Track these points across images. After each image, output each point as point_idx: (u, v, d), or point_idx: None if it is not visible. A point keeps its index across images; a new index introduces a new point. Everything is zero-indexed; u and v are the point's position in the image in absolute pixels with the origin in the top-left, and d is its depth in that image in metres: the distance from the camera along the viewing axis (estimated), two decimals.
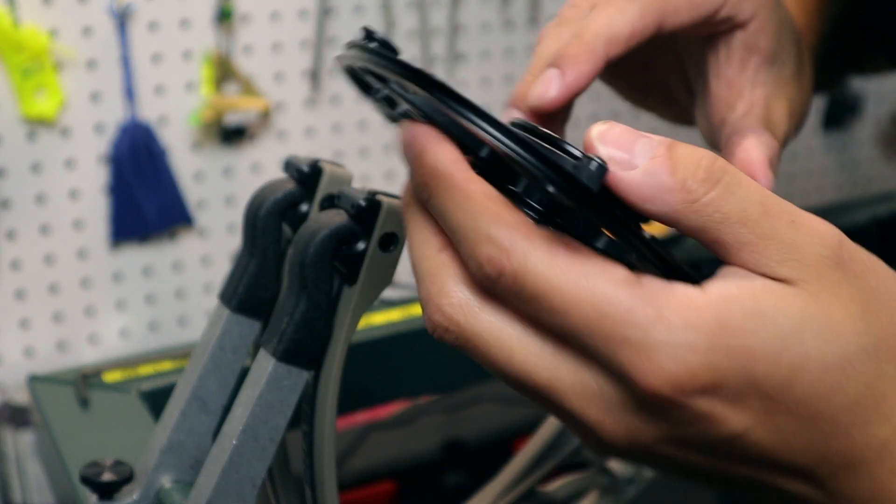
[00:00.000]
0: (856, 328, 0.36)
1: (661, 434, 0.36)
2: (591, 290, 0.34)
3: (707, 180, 0.36)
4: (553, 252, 0.35)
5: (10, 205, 1.13)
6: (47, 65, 1.10)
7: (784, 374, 0.35)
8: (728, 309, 0.35)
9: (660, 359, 0.34)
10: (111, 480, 0.53)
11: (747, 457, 0.36)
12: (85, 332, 1.20)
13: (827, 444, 0.36)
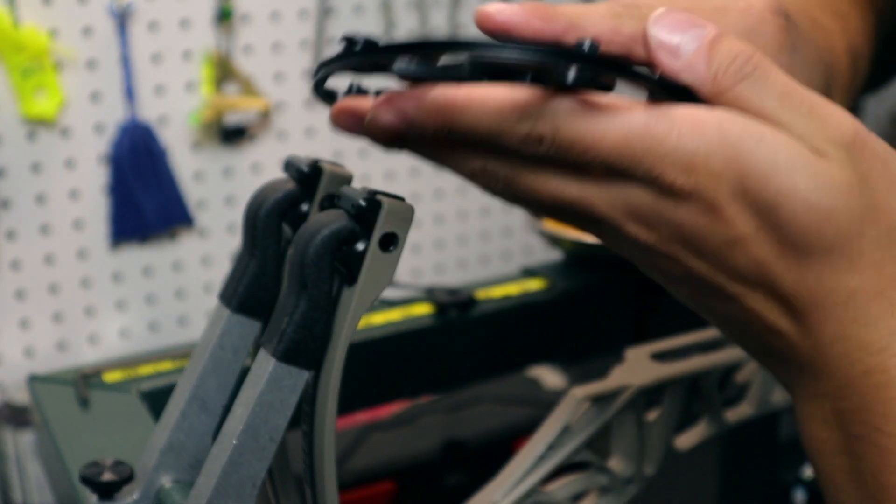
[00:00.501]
0: (850, 191, 0.40)
1: (671, 227, 0.41)
2: (615, 124, 0.40)
3: (736, 73, 0.41)
4: (574, 108, 0.40)
5: (11, 205, 1.13)
6: (47, 65, 1.10)
7: (771, 195, 0.39)
8: (730, 123, 0.40)
9: (675, 157, 0.39)
10: (111, 480, 0.53)
11: (739, 268, 0.41)
12: (85, 332, 1.20)
13: (802, 275, 0.41)
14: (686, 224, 0.41)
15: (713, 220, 0.40)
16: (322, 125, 1.25)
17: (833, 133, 0.40)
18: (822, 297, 0.42)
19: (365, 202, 0.47)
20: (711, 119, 0.40)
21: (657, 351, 0.65)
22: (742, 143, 0.40)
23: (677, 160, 0.40)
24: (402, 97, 0.42)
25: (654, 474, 0.63)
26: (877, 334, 0.42)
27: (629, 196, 0.41)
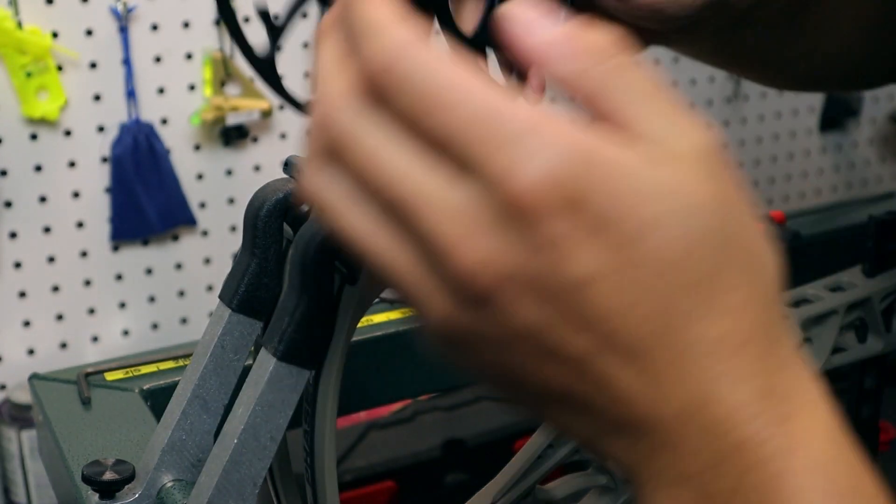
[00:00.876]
0: (712, 218, 0.36)
1: (512, 261, 0.34)
2: (484, 89, 0.34)
3: (601, 56, 0.36)
4: (454, 56, 0.35)
5: (13, 205, 1.13)
6: (50, 66, 1.11)
7: (637, 224, 0.35)
8: (606, 141, 0.35)
9: (539, 159, 0.34)
10: (112, 479, 0.53)
11: (588, 317, 0.35)
12: (87, 331, 1.21)
13: (668, 320, 0.35)
14: (528, 259, 0.35)
15: (561, 256, 0.34)
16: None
17: (695, 142, 0.36)
18: (681, 352, 0.36)
19: None
20: (588, 132, 0.35)
21: None
22: (616, 165, 0.35)
23: (535, 169, 0.34)
24: None
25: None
26: (748, 396, 0.36)
27: (469, 202, 0.34)
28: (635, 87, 0.36)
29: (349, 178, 0.36)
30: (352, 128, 0.35)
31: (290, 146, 1.24)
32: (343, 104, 0.36)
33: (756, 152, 1.63)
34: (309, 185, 0.37)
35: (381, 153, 0.35)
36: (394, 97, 0.35)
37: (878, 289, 0.79)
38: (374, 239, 0.36)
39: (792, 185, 1.67)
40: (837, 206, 1.07)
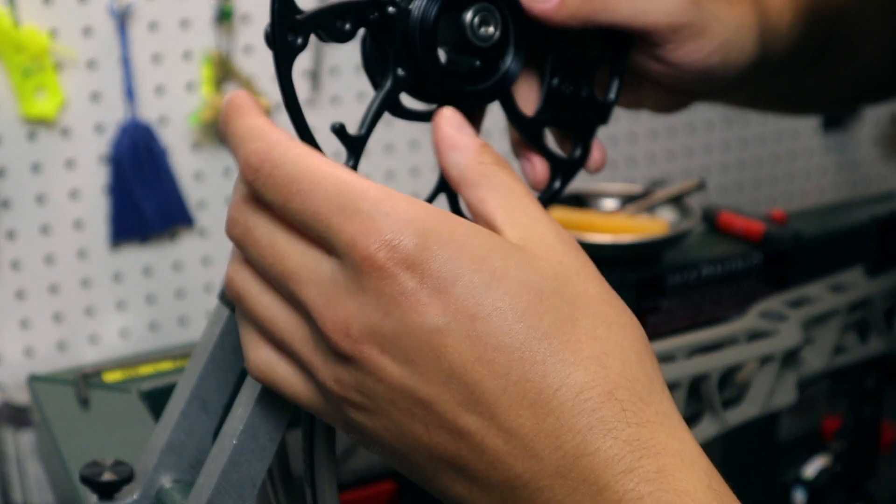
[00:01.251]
0: (556, 275, 0.39)
1: (368, 320, 0.38)
2: (336, 173, 0.41)
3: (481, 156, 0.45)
4: (312, 152, 0.42)
5: (11, 205, 1.13)
6: (47, 65, 1.10)
7: (485, 277, 0.38)
8: (448, 215, 0.40)
9: (382, 226, 0.39)
10: (111, 480, 0.53)
11: (445, 371, 0.38)
12: (85, 332, 1.20)
13: (527, 367, 0.37)
14: (384, 317, 0.38)
15: (412, 308, 0.38)
16: (322, 125, 1.25)
17: (542, 226, 0.42)
18: (547, 401, 0.37)
19: None
20: (433, 207, 0.40)
21: (657, 351, 0.65)
22: (460, 229, 0.39)
23: (384, 232, 0.38)
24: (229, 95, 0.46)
25: None
26: (620, 448, 0.37)
27: (330, 271, 0.40)
28: (499, 182, 0.43)
29: (248, 266, 0.44)
30: (243, 227, 0.43)
31: None
32: (235, 209, 0.43)
33: (759, 151, 1.63)
34: (227, 279, 0.45)
35: (264, 242, 0.42)
36: (265, 192, 0.41)
37: (880, 289, 0.79)
38: (271, 313, 0.42)
39: (794, 184, 1.67)
40: (840, 206, 1.07)
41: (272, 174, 0.41)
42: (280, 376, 0.44)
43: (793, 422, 0.96)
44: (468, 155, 0.45)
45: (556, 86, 0.55)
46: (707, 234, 0.97)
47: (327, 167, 0.41)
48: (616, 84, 0.57)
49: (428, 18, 0.49)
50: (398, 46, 0.49)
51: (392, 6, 0.48)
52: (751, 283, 0.92)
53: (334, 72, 1.25)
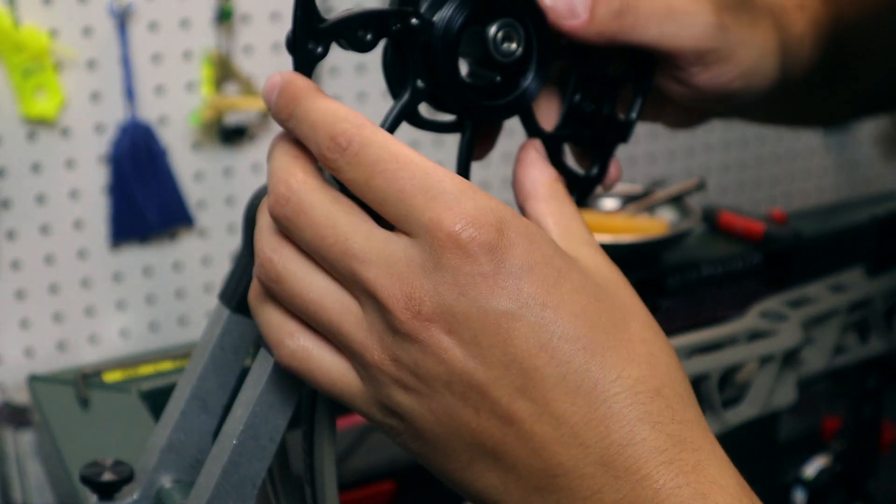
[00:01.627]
0: (607, 283, 0.43)
1: (440, 299, 0.40)
2: (421, 159, 0.42)
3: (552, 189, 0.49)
4: (393, 137, 0.43)
5: (11, 205, 1.13)
6: (47, 65, 1.10)
7: (553, 273, 0.41)
8: (519, 213, 0.42)
9: (468, 208, 0.40)
10: (111, 480, 0.53)
11: (510, 354, 0.39)
12: (85, 332, 1.20)
13: (589, 357, 0.40)
14: (460, 290, 0.40)
15: (486, 286, 0.40)
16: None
17: (583, 238, 0.45)
18: (605, 389, 0.39)
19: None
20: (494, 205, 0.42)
21: None
22: (532, 228, 0.42)
23: (467, 211, 0.40)
24: (279, 75, 0.46)
25: None
26: (665, 441, 0.39)
27: (409, 252, 0.41)
28: (563, 206, 0.46)
29: (292, 246, 0.44)
30: (311, 199, 0.43)
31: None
32: (302, 178, 0.43)
33: (759, 151, 1.63)
34: (263, 259, 0.44)
35: (323, 221, 0.42)
36: (348, 170, 0.42)
37: (880, 289, 0.79)
38: (319, 294, 0.42)
39: (795, 184, 1.67)
40: (840, 206, 1.07)
41: (359, 153, 0.42)
42: (317, 365, 0.44)
43: (793, 422, 0.96)
44: (545, 177, 0.48)
45: (578, 102, 0.55)
46: (707, 234, 0.97)
47: (412, 153, 0.42)
48: (639, 103, 0.57)
49: (451, 31, 0.49)
50: (419, 58, 0.49)
51: (416, 17, 0.48)
52: (751, 283, 0.92)
53: (334, 72, 1.25)
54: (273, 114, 0.46)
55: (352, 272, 0.41)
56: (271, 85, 0.45)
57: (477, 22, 0.50)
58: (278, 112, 0.45)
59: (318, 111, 0.44)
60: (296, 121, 0.44)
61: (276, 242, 0.44)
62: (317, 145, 0.43)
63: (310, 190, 0.43)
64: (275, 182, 0.44)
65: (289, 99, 0.45)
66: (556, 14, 0.51)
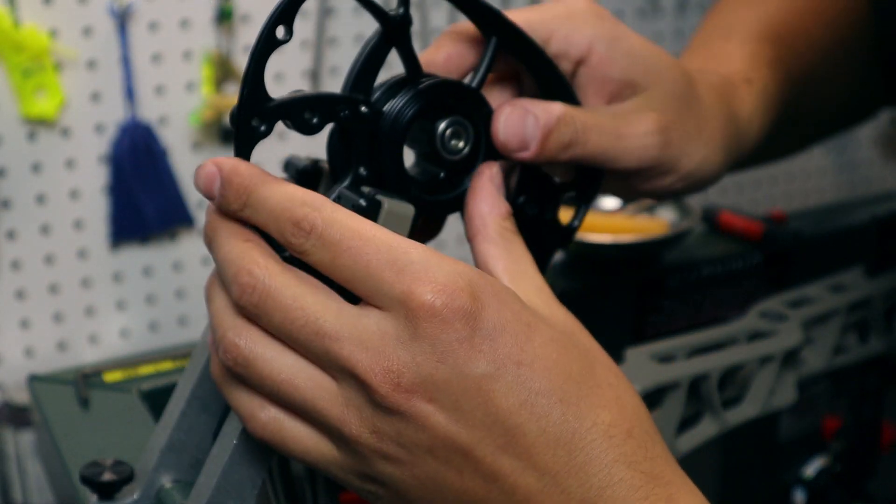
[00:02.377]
0: (568, 333, 0.44)
1: (420, 369, 0.40)
2: (383, 233, 0.43)
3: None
4: (353, 213, 0.44)
5: (11, 205, 1.13)
6: (48, 65, 1.10)
7: (525, 329, 0.42)
8: (484, 272, 0.43)
9: (437, 276, 0.41)
10: (111, 480, 0.53)
11: (492, 415, 0.40)
12: (85, 332, 1.20)
13: (564, 409, 0.41)
14: (437, 361, 0.40)
15: (460, 353, 0.40)
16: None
17: (534, 283, 0.47)
18: (582, 437, 0.41)
19: (365, 202, 0.47)
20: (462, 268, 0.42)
21: (657, 351, 0.65)
22: (500, 292, 0.42)
23: (439, 280, 0.41)
24: (215, 164, 0.45)
25: None
26: (640, 479, 0.41)
27: (383, 326, 0.41)
28: (512, 249, 0.47)
29: (257, 329, 0.44)
30: (277, 283, 0.43)
31: (290, 146, 1.24)
32: (249, 276, 0.43)
33: None
34: (227, 344, 0.44)
35: (291, 304, 0.42)
36: (313, 252, 0.43)
37: (880, 289, 0.79)
38: (290, 373, 0.42)
39: (794, 184, 1.67)
40: (840, 206, 1.07)
41: (323, 235, 0.42)
42: (290, 435, 0.44)
43: (793, 422, 0.96)
44: (495, 212, 0.48)
45: (521, 204, 0.54)
46: (707, 234, 0.97)
47: (374, 228, 0.43)
48: (583, 212, 0.57)
49: (400, 123, 0.49)
50: (365, 145, 0.49)
51: (365, 105, 0.48)
52: (751, 284, 0.92)
53: (334, 72, 1.25)
54: (220, 206, 0.45)
55: (326, 351, 0.42)
56: (208, 175, 0.45)
57: (427, 117, 0.49)
58: (228, 204, 0.45)
59: (274, 198, 0.44)
60: (251, 210, 0.44)
61: (239, 326, 0.44)
62: (279, 232, 0.43)
63: (273, 274, 0.43)
64: (234, 272, 0.44)
65: (239, 190, 0.45)
66: (508, 148, 0.51)
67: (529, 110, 0.51)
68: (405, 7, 0.48)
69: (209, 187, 0.45)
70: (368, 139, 0.49)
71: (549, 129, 0.51)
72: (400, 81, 0.50)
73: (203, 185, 0.45)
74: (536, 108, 0.51)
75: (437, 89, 0.49)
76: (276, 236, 0.44)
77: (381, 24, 0.48)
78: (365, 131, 0.48)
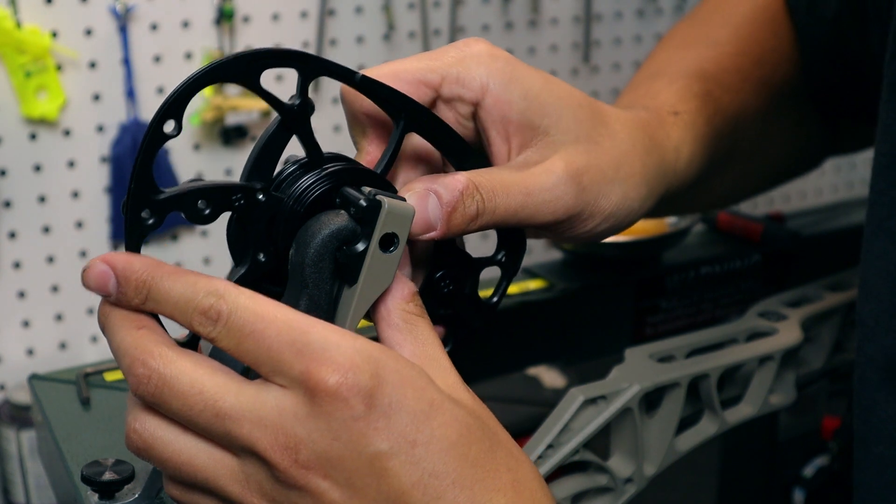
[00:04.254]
0: (474, 415, 0.45)
1: (316, 446, 0.41)
2: (284, 313, 0.43)
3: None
4: (255, 295, 0.44)
5: (12, 205, 1.13)
6: (49, 66, 1.10)
7: (425, 407, 0.42)
8: (388, 348, 0.44)
9: (334, 356, 0.41)
10: (112, 480, 0.53)
11: (385, 493, 0.41)
12: (86, 331, 1.21)
13: (459, 491, 0.42)
14: (327, 439, 0.41)
15: (365, 435, 0.41)
16: (321, 126, 1.25)
17: (442, 366, 0.47)
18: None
19: (366, 202, 0.47)
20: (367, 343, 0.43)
21: (657, 351, 0.65)
22: (401, 367, 0.43)
23: (338, 361, 0.41)
24: (105, 262, 0.45)
25: (654, 474, 0.63)
26: None
27: (285, 403, 0.42)
28: (418, 334, 0.47)
29: (156, 414, 0.44)
30: (157, 382, 0.43)
31: (290, 146, 1.24)
32: (143, 367, 0.43)
33: None
34: (130, 430, 0.45)
35: (189, 390, 0.43)
36: (221, 339, 0.43)
37: None
38: (189, 455, 0.43)
39: (792, 184, 1.67)
40: (838, 206, 1.07)
41: (228, 322, 0.43)
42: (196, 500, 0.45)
43: (792, 422, 0.96)
44: (397, 297, 0.48)
45: (438, 279, 0.53)
46: (706, 235, 0.97)
47: (274, 308, 0.43)
48: (504, 287, 0.55)
49: (300, 207, 0.48)
50: (262, 232, 0.48)
51: (262, 194, 0.47)
52: (750, 284, 0.93)
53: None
54: (118, 302, 0.45)
55: (226, 432, 0.42)
56: (100, 275, 0.45)
57: (328, 204, 0.49)
58: (128, 300, 0.45)
59: (176, 290, 0.44)
60: (154, 303, 0.45)
61: (138, 412, 0.45)
62: (187, 322, 0.44)
63: (168, 363, 0.43)
64: (129, 363, 0.44)
65: (138, 285, 0.45)
66: (414, 233, 0.49)
67: (431, 188, 0.49)
68: (303, 96, 0.48)
69: (103, 286, 0.45)
70: (267, 225, 0.48)
71: (453, 205, 0.49)
72: (304, 165, 0.49)
73: (95, 285, 0.45)
74: (438, 185, 0.50)
75: (340, 174, 0.49)
76: (184, 325, 0.44)
77: (279, 113, 0.48)
78: (262, 218, 0.48)
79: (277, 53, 0.46)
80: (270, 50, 0.46)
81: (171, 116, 0.46)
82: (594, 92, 1.45)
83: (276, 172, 0.49)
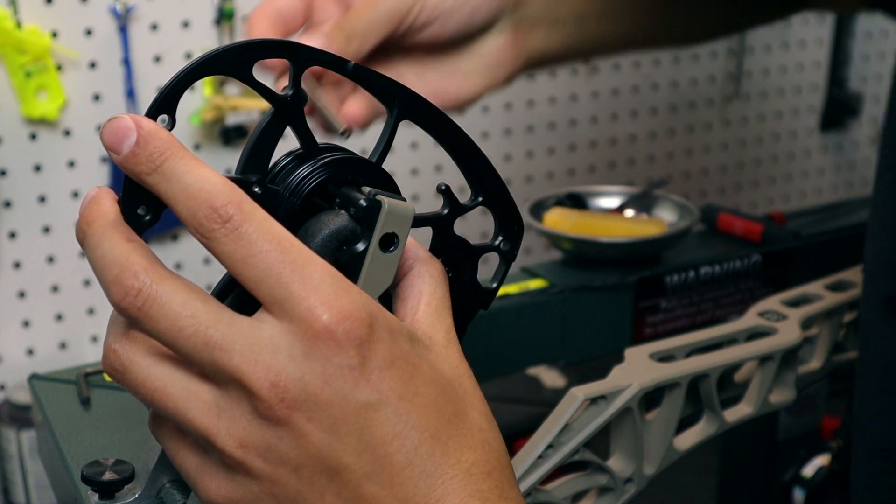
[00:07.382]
0: (451, 377, 0.46)
1: (307, 387, 0.41)
2: (301, 247, 0.42)
3: None
4: (271, 217, 0.43)
5: (13, 205, 1.13)
6: (49, 66, 1.11)
7: (410, 367, 0.43)
8: (383, 308, 0.44)
9: (343, 303, 0.41)
10: (112, 479, 0.53)
11: (367, 440, 0.41)
12: (86, 331, 1.21)
13: (434, 445, 0.43)
14: (319, 382, 0.41)
15: (347, 379, 0.41)
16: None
17: (445, 324, 0.48)
18: (444, 472, 0.43)
19: (366, 202, 0.47)
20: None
21: (657, 351, 0.65)
22: (384, 319, 0.43)
23: (327, 299, 0.41)
24: (133, 120, 0.43)
25: (654, 474, 0.63)
26: None
27: (273, 335, 0.41)
28: (437, 300, 0.48)
29: (137, 338, 0.44)
30: (145, 298, 0.42)
31: (289, 145, 1.24)
32: (133, 280, 0.43)
33: (757, 152, 1.63)
34: (108, 350, 0.45)
35: (181, 312, 0.42)
36: (224, 244, 0.41)
37: None
38: (162, 383, 0.42)
39: (792, 184, 1.67)
40: (838, 206, 1.07)
41: (240, 228, 0.41)
42: (169, 443, 0.45)
43: (792, 421, 0.96)
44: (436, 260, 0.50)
45: None
46: (706, 235, 0.98)
47: (292, 238, 0.42)
48: (503, 272, 0.56)
49: (297, 197, 0.48)
50: None
51: (258, 186, 0.47)
52: (750, 284, 0.93)
53: None
54: (124, 163, 0.42)
55: (212, 361, 0.41)
56: (122, 128, 0.42)
57: (326, 190, 0.49)
58: (136, 164, 0.42)
59: (192, 175, 0.42)
60: (160, 177, 0.42)
61: (119, 333, 0.44)
62: (190, 211, 0.42)
63: (162, 279, 0.42)
64: (117, 273, 0.42)
65: (154, 152, 0.42)
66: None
67: None
68: (296, 87, 0.48)
69: (119, 141, 0.42)
70: None
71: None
72: (299, 156, 0.49)
73: (111, 138, 0.42)
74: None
75: (336, 164, 0.49)
76: (184, 215, 0.42)
77: (272, 105, 0.48)
78: None
79: (267, 44, 0.46)
80: (260, 40, 0.46)
81: (164, 111, 0.45)
82: (594, 92, 1.45)
83: (271, 165, 0.49)
